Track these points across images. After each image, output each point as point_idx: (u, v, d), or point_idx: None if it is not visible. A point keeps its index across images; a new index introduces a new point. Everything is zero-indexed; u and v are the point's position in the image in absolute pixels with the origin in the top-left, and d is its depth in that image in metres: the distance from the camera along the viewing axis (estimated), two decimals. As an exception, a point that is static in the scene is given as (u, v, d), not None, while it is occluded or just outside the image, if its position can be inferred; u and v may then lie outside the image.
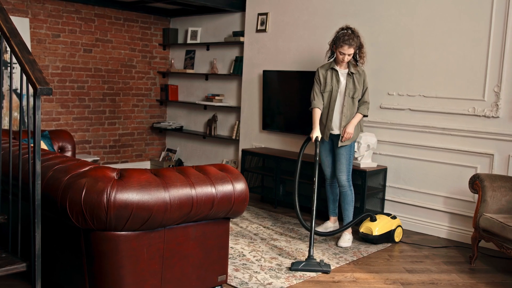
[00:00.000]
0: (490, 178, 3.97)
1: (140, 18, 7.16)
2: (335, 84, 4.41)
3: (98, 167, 2.63)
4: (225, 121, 6.88)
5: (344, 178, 4.44)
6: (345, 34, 4.30)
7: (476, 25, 4.47)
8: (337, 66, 4.43)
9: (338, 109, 4.42)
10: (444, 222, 4.75)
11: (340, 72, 4.42)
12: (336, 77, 4.42)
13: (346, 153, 4.45)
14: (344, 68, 4.42)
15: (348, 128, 4.38)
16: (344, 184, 4.45)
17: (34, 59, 2.50)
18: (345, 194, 4.48)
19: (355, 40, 4.29)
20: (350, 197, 4.47)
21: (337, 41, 4.31)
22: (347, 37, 4.27)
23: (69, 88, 6.51)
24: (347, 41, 4.26)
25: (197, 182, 2.74)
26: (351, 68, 4.39)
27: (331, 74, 4.44)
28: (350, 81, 4.39)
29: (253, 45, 6.25)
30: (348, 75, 4.40)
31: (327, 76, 4.45)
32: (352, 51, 4.29)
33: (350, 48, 4.27)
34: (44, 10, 6.14)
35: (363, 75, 4.45)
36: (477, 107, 4.51)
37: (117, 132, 7.12)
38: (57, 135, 4.63)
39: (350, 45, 4.26)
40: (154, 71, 7.44)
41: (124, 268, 2.59)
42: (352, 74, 4.39)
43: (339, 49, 4.30)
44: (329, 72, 4.45)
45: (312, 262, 3.75)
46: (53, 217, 2.69)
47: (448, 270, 3.89)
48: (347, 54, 4.29)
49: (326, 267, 3.72)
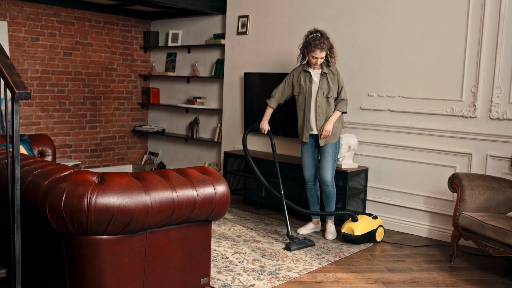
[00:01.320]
0: (469, 177, 4.03)
1: (121, 21, 7.12)
2: (309, 86, 4.49)
3: (78, 171, 2.61)
4: (207, 124, 6.87)
5: (329, 177, 4.53)
6: (315, 39, 4.37)
7: (453, 26, 4.54)
8: (310, 68, 4.51)
9: (314, 109, 4.50)
10: (424, 221, 4.81)
11: (313, 73, 4.49)
12: (309, 78, 4.49)
13: (332, 151, 4.54)
14: (317, 69, 4.49)
15: (326, 125, 4.46)
16: (328, 183, 4.54)
17: (12, 63, 2.48)
18: (329, 193, 4.58)
19: (325, 43, 4.38)
20: (333, 195, 4.59)
21: (309, 46, 4.39)
22: (318, 41, 4.35)
23: (49, 92, 6.45)
24: (319, 45, 4.34)
25: (178, 185, 2.74)
26: (324, 69, 4.46)
27: (304, 76, 4.52)
28: (324, 81, 4.46)
29: (234, 48, 6.26)
30: (321, 75, 4.47)
31: (300, 79, 4.54)
32: (324, 54, 4.38)
33: (322, 51, 4.36)
34: (22, 13, 6.08)
35: (337, 74, 4.51)
36: (455, 108, 4.58)
37: (98, 136, 7.07)
38: (37, 140, 4.58)
39: (322, 49, 4.36)
40: (135, 74, 7.41)
41: (106, 272, 2.58)
42: (325, 74, 4.46)
43: (311, 54, 4.38)
44: (302, 74, 4.53)
45: (298, 241, 4.30)
46: (33, 222, 2.67)
47: (428, 268, 3.94)
48: (319, 57, 4.37)
49: (311, 241, 4.34)
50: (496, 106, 4.36)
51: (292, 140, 5.61)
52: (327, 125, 4.45)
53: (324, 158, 4.55)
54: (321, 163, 4.59)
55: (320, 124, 4.48)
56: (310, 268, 3.83)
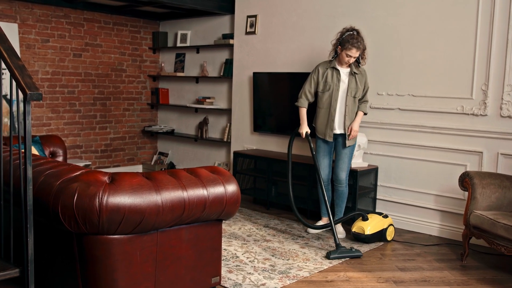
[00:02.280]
0: (480, 175, 4.01)
1: (130, 22, 7.16)
2: (336, 84, 4.44)
3: (90, 171, 2.63)
4: (216, 124, 6.89)
5: (344, 176, 4.57)
6: (353, 37, 4.32)
7: (462, 24, 4.52)
8: (339, 66, 4.47)
9: (340, 108, 4.48)
10: (435, 220, 4.79)
11: (342, 71, 4.46)
12: (337, 76, 4.45)
13: (349, 153, 4.57)
14: (345, 68, 4.47)
15: (354, 126, 4.48)
16: (342, 182, 4.57)
17: (24, 65, 2.50)
18: (342, 192, 4.60)
19: (362, 43, 4.35)
20: (345, 195, 4.62)
21: (345, 44, 4.33)
22: (356, 40, 4.31)
23: (59, 93, 6.49)
24: (356, 44, 4.31)
25: (188, 184, 2.75)
26: (353, 68, 4.44)
27: (332, 73, 4.47)
28: (353, 81, 4.44)
29: (242, 48, 6.26)
30: (350, 75, 4.45)
31: (327, 75, 4.48)
32: (358, 54, 4.36)
33: (358, 51, 4.34)
34: (32, 15, 6.12)
35: (365, 76, 4.53)
36: (465, 106, 4.56)
37: (108, 136, 7.11)
38: (48, 140, 4.61)
39: (359, 48, 4.33)
40: (144, 75, 7.44)
41: (118, 271, 2.59)
42: (355, 74, 4.44)
43: (346, 51, 4.33)
44: (329, 71, 4.48)
45: (343, 249, 4.08)
46: (45, 222, 2.69)
47: (440, 267, 3.92)
48: (353, 56, 4.34)
49: (358, 252, 4.08)
50: (507, 103, 4.33)
51: (302, 139, 5.60)
52: (355, 125, 4.47)
53: (341, 159, 4.55)
54: (337, 163, 4.58)
55: (347, 124, 4.48)
56: (321, 267, 3.83)
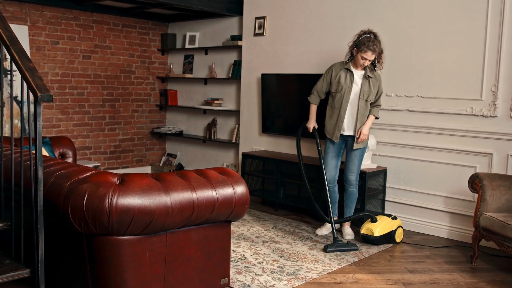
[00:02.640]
0: (489, 177, 3.99)
1: (138, 24, 7.19)
2: (349, 85, 4.42)
3: (100, 172, 2.65)
4: (224, 125, 6.90)
5: (354, 178, 4.57)
6: (369, 39, 4.28)
7: (472, 25, 4.50)
8: (353, 68, 4.44)
9: (351, 110, 4.46)
10: (444, 222, 4.76)
11: (356, 74, 4.43)
12: (351, 78, 4.43)
13: (359, 155, 4.55)
14: (360, 70, 4.44)
15: (364, 129, 4.45)
16: (352, 183, 4.57)
17: (34, 67, 2.52)
18: (351, 192, 4.60)
19: (378, 46, 4.31)
20: (355, 195, 4.61)
21: (361, 46, 4.29)
22: (372, 43, 4.27)
23: (68, 94, 6.53)
24: (372, 47, 4.26)
25: (198, 185, 2.76)
26: (368, 71, 4.40)
27: (345, 75, 4.45)
28: (366, 84, 4.41)
29: (251, 49, 6.27)
30: (364, 78, 4.42)
31: (340, 76, 4.46)
32: (373, 57, 4.32)
33: (374, 54, 4.29)
34: (42, 18, 6.17)
35: (379, 80, 4.49)
36: (475, 107, 4.54)
37: (117, 138, 7.14)
38: (58, 142, 4.64)
39: (374, 51, 4.28)
40: (153, 76, 7.47)
41: (127, 272, 2.60)
42: (369, 77, 4.41)
43: (361, 54, 4.29)
44: (343, 72, 4.46)
45: (340, 243, 4.22)
46: (56, 223, 2.70)
47: (449, 269, 3.90)
48: (368, 59, 4.30)
49: (355, 246, 4.23)
50: (517, 105, 4.31)
51: (310, 141, 5.60)
52: (365, 129, 4.45)
53: (351, 160, 4.54)
54: (346, 165, 4.58)
55: (358, 127, 4.47)
56: (330, 268, 3.82)
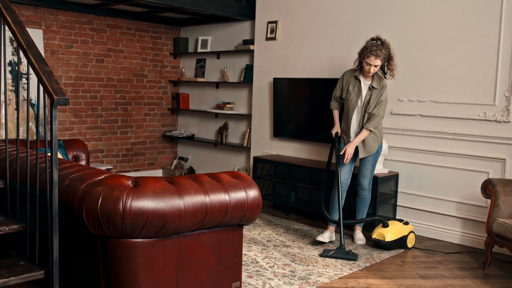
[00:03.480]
0: (503, 183, 3.97)
1: (151, 28, 7.24)
2: (357, 93, 4.40)
3: (114, 175, 2.67)
4: (236, 129, 6.92)
5: (366, 183, 4.55)
6: (373, 45, 4.24)
7: (485, 29, 4.48)
8: (362, 77, 4.40)
9: (357, 119, 4.45)
10: (456, 227, 4.74)
11: (363, 83, 4.39)
12: (358, 87, 4.39)
13: (372, 160, 4.52)
14: (368, 80, 4.38)
15: (348, 148, 4.36)
16: (365, 188, 4.56)
17: (51, 70, 2.55)
18: (364, 197, 4.59)
19: (383, 51, 4.22)
20: (367, 200, 4.60)
21: (364, 51, 4.26)
22: (375, 47, 4.21)
23: (82, 98, 6.59)
24: (374, 52, 4.19)
25: (211, 189, 2.77)
26: (373, 82, 4.34)
27: (355, 82, 4.42)
28: (368, 96, 4.36)
29: (263, 53, 6.29)
30: (369, 89, 4.37)
31: (350, 83, 4.44)
32: (378, 63, 4.22)
33: (377, 59, 4.20)
34: (57, 22, 6.24)
35: (382, 90, 4.34)
36: (488, 112, 4.52)
37: (129, 141, 7.18)
38: (72, 144, 4.69)
39: (377, 56, 4.19)
40: (165, 80, 7.51)
41: (140, 275, 2.62)
42: (372, 88, 4.34)
43: (365, 60, 4.24)
44: (352, 80, 4.43)
45: (341, 250, 4.11)
46: (70, 225, 2.73)
47: (461, 275, 3.88)
48: (373, 65, 4.22)
49: (353, 256, 4.06)
50: (530, 110, 4.29)
51: (321, 145, 5.60)
52: (350, 148, 4.36)
53: (364, 165, 4.52)
54: (360, 170, 4.56)
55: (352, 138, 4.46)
56: (341, 273, 3.82)
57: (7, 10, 2.75)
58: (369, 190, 4.58)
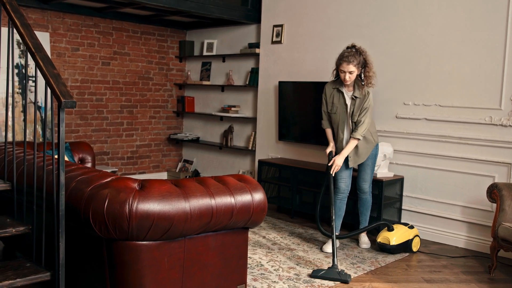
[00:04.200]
0: (508, 187, 3.96)
1: (157, 31, 7.27)
2: (342, 105, 4.31)
3: (120, 178, 2.68)
4: (241, 132, 6.93)
5: (367, 187, 4.53)
6: (345, 52, 4.18)
7: (491, 33, 4.48)
8: (343, 88, 4.31)
9: (347, 131, 4.37)
10: (462, 231, 4.73)
11: (346, 95, 4.30)
12: (342, 99, 4.31)
13: (370, 163, 4.49)
14: (350, 90, 4.29)
15: (337, 160, 4.27)
16: (365, 191, 4.54)
17: (59, 73, 2.57)
18: (365, 200, 4.57)
19: (356, 57, 4.12)
20: (369, 203, 4.58)
21: (337, 59, 4.20)
22: (347, 53, 4.14)
23: (88, 100, 6.62)
24: (346, 58, 4.11)
25: (216, 192, 2.78)
26: (355, 92, 4.24)
27: (338, 96, 4.33)
28: (352, 106, 4.27)
29: (268, 57, 6.30)
30: (352, 99, 4.28)
31: (333, 97, 4.35)
32: (352, 69, 4.12)
33: (349, 65, 4.10)
34: (64, 25, 6.27)
35: (366, 98, 4.22)
36: (493, 116, 4.51)
37: (134, 144, 7.21)
38: (78, 147, 4.71)
39: (349, 62, 4.10)
40: (170, 83, 7.54)
41: (146, 277, 2.63)
42: (355, 98, 4.25)
43: (339, 68, 4.17)
44: (335, 93, 4.34)
45: (333, 271, 3.76)
46: (76, 227, 2.74)
47: (467, 280, 3.87)
48: (347, 72, 4.13)
49: (345, 277, 3.70)
50: (536, 114, 4.28)
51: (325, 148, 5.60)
52: (338, 160, 4.26)
53: (363, 170, 4.50)
54: (359, 174, 4.54)
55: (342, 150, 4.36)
56: (346, 277, 3.81)
57: (15, 13, 2.77)
58: (370, 192, 4.56)
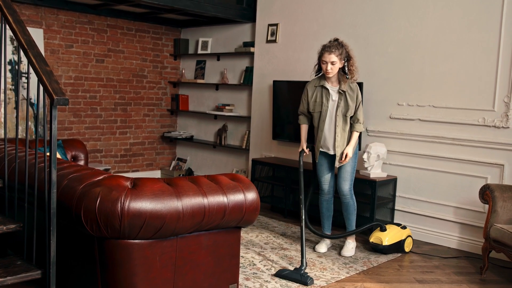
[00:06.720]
0: (501, 188, 3.97)
1: (152, 29, 7.24)
2: (325, 103, 4.20)
3: (112, 176, 2.67)
4: (235, 131, 6.92)
5: (347, 188, 4.30)
6: (327, 43, 4.16)
7: (485, 35, 4.49)
8: (328, 83, 4.22)
9: (329, 128, 4.24)
10: (454, 232, 4.74)
11: (331, 90, 4.20)
12: (326, 95, 4.21)
13: (351, 162, 4.28)
14: (334, 85, 4.21)
15: (348, 151, 4.18)
16: (346, 193, 4.31)
17: (51, 71, 2.56)
18: (347, 204, 4.35)
19: (338, 48, 4.09)
20: (352, 206, 4.36)
21: (320, 50, 4.16)
22: (329, 44, 4.12)
23: (81, 97, 6.59)
24: (328, 48, 4.08)
25: (209, 191, 2.77)
26: (342, 86, 4.17)
27: (321, 92, 4.23)
28: (342, 99, 4.17)
29: (263, 56, 6.30)
30: (339, 93, 4.18)
31: (316, 95, 4.25)
32: (334, 59, 4.06)
33: (331, 54, 4.06)
34: (57, 21, 6.24)
35: (356, 90, 4.20)
36: (487, 118, 4.52)
37: (128, 141, 7.18)
38: (70, 144, 4.69)
39: (330, 52, 4.06)
40: (165, 81, 7.52)
41: (137, 276, 2.62)
42: (343, 92, 4.16)
43: (321, 59, 4.12)
44: (318, 90, 4.25)
45: (296, 272, 3.71)
46: (68, 225, 2.73)
47: (458, 280, 3.88)
48: (329, 62, 4.06)
49: (305, 279, 3.61)
50: (529, 116, 4.30)
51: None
52: (349, 150, 4.18)
53: (343, 168, 4.29)
54: (339, 173, 4.34)
55: (338, 145, 4.20)
56: (338, 277, 3.82)
57: (8, 9, 2.75)
58: (352, 195, 4.34)
